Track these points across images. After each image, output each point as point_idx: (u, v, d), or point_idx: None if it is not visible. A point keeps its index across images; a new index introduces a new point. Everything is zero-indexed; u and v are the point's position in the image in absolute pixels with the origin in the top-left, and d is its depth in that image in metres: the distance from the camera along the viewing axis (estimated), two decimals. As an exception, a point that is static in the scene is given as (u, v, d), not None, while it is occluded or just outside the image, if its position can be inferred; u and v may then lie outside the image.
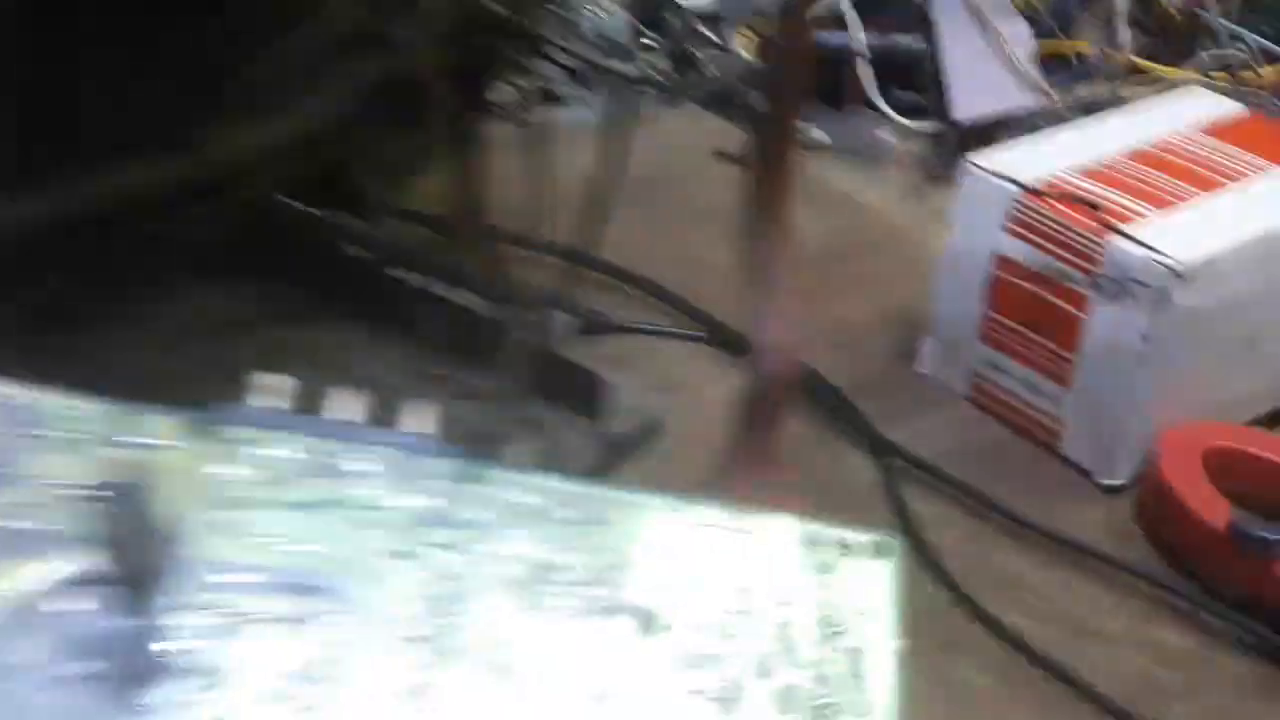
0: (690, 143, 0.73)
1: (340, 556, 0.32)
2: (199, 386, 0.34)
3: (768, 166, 0.37)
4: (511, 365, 0.47)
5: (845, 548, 0.34)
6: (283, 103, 0.44)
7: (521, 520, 0.33)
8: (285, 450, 0.33)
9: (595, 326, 0.57)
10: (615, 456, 0.51)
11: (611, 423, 0.53)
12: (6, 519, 0.31)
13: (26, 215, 0.40)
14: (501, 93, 0.59)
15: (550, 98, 0.72)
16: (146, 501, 0.29)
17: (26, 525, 0.31)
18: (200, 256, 0.50)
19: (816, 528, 0.34)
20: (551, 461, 0.48)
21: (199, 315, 0.51)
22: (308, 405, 0.34)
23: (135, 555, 0.29)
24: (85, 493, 0.29)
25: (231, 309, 0.52)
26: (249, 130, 0.45)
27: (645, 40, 0.81)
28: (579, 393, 0.53)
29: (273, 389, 0.34)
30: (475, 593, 0.32)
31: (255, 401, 0.34)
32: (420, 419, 0.35)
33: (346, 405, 0.34)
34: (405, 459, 0.33)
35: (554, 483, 0.34)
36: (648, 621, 0.32)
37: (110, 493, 0.28)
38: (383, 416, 0.34)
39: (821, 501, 0.34)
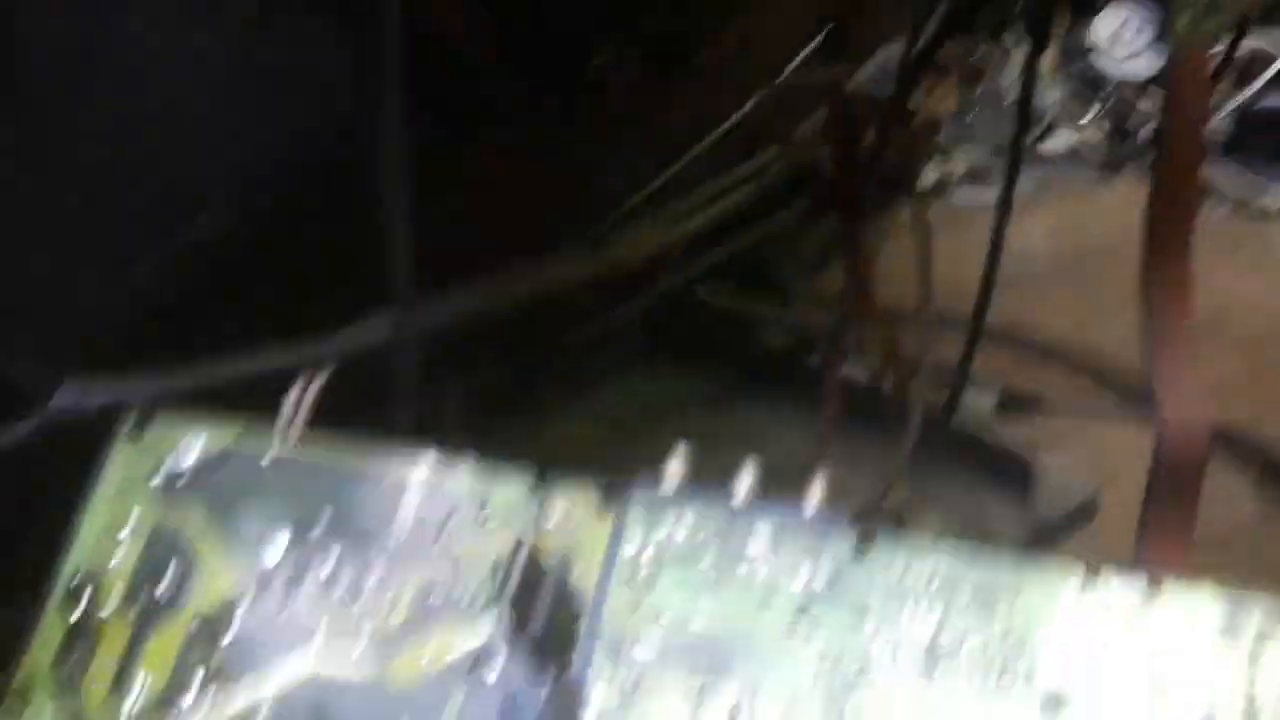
0: (1127, 215, 0.70)
1: (738, 630, 0.32)
2: (622, 466, 0.35)
3: (1166, 224, 0.35)
4: (926, 445, 0.46)
5: (1275, 625, 0.31)
6: (695, 199, 0.46)
7: (921, 594, 0.33)
8: (687, 526, 0.34)
9: (1024, 405, 0.55)
10: (1044, 540, 0.49)
11: (1041, 505, 0.51)
12: (438, 590, 0.33)
13: (469, 309, 0.43)
14: (928, 173, 0.59)
15: (978, 176, 0.71)
16: (563, 574, 0.31)
17: (456, 596, 0.33)
18: (628, 345, 0.52)
19: (1242, 605, 0.32)
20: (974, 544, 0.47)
21: (626, 401, 0.53)
22: (710, 483, 0.35)
23: (551, 624, 0.30)
24: (507, 565, 0.30)
25: (656, 394, 0.53)
26: (663, 227, 0.47)
27: (1080, 111, 0.79)
28: (1006, 474, 0.52)
29: (678, 467, 0.35)
30: (874, 667, 0.32)
31: (663, 479, 0.35)
32: (822, 495, 0.35)
33: (748, 482, 0.35)
34: (804, 534, 0.33)
35: (956, 556, 0.33)
36: (1055, 701, 0.31)
37: (529, 558, 0.30)
38: (785, 493, 0.35)
39: (1271, 582, 0.31)
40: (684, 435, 0.36)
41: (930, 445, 0.48)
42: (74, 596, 0.33)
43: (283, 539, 0.34)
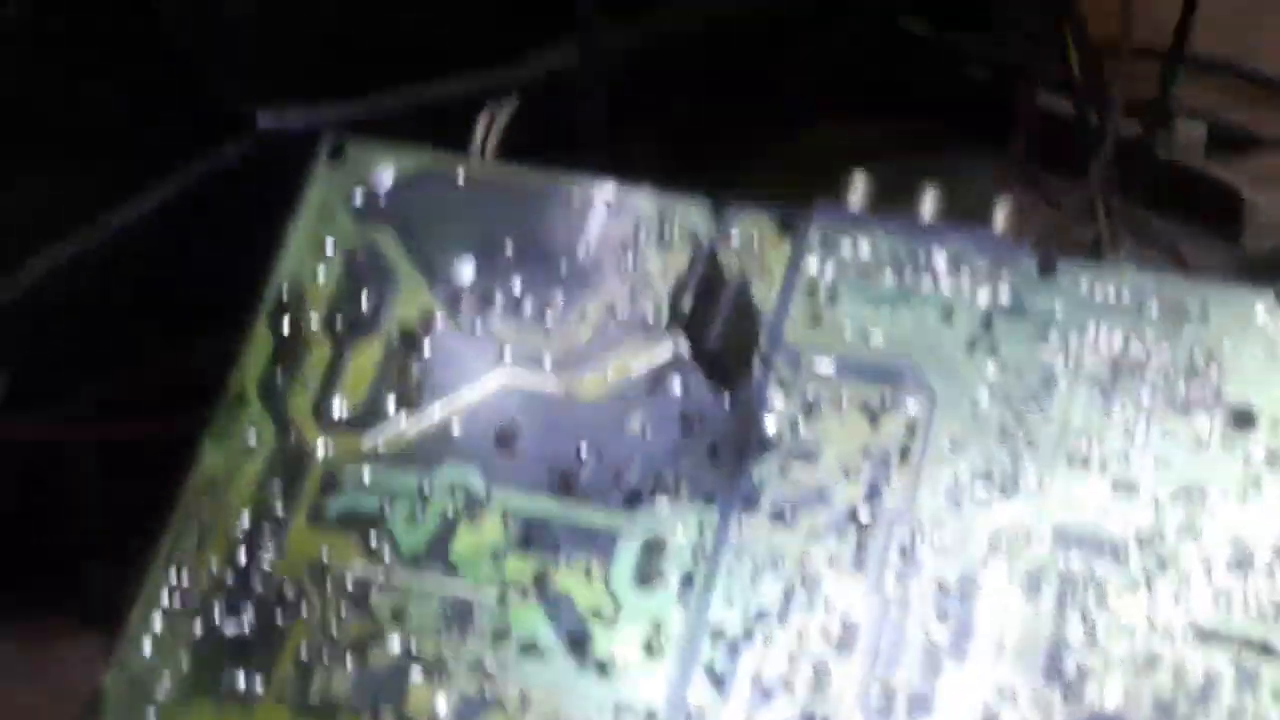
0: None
1: (917, 347, 0.32)
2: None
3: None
4: (1130, 178, 0.45)
5: None
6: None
7: (1105, 314, 0.32)
8: (867, 246, 0.34)
9: (1236, 139, 0.53)
10: (1252, 277, 0.48)
11: (1249, 241, 0.49)
12: (622, 308, 0.34)
13: (654, 35, 0.43)
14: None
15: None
16: (742, 292, 0.31)
17: (639, 313, 0.34)
18: (820, 82, 0.51)
19: None
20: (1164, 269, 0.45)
21: (817, 143, 0.52)
22: (892, 205, 0.35)
23: (731, 341, 0.30)
24: (687, 283, 0.31)
25: (849, 136, 0.52)
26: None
27: None
28: (1213, 209, 0.50)
29: (859, 188, 0.35)
30: (1052, 382, 0.32)
31: (845, 200, 0.35)
32: (1006, 216, 0.34)
33: (930, 203, 0.34)
34: (986, 255, 0.33)
35: (1141, 277, 0.32)
36: (1242, 418, 0.31)
37: (711, 284, 0.30)
38: (968, 217, 0.34)
39: None
40: (876, 180, 0.36)
41: (1134, 178, 0.47)
42: (280, 311, 0.35)
43: (474, 259, 0.35)
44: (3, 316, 0.35)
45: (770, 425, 0.32)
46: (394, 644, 0.31)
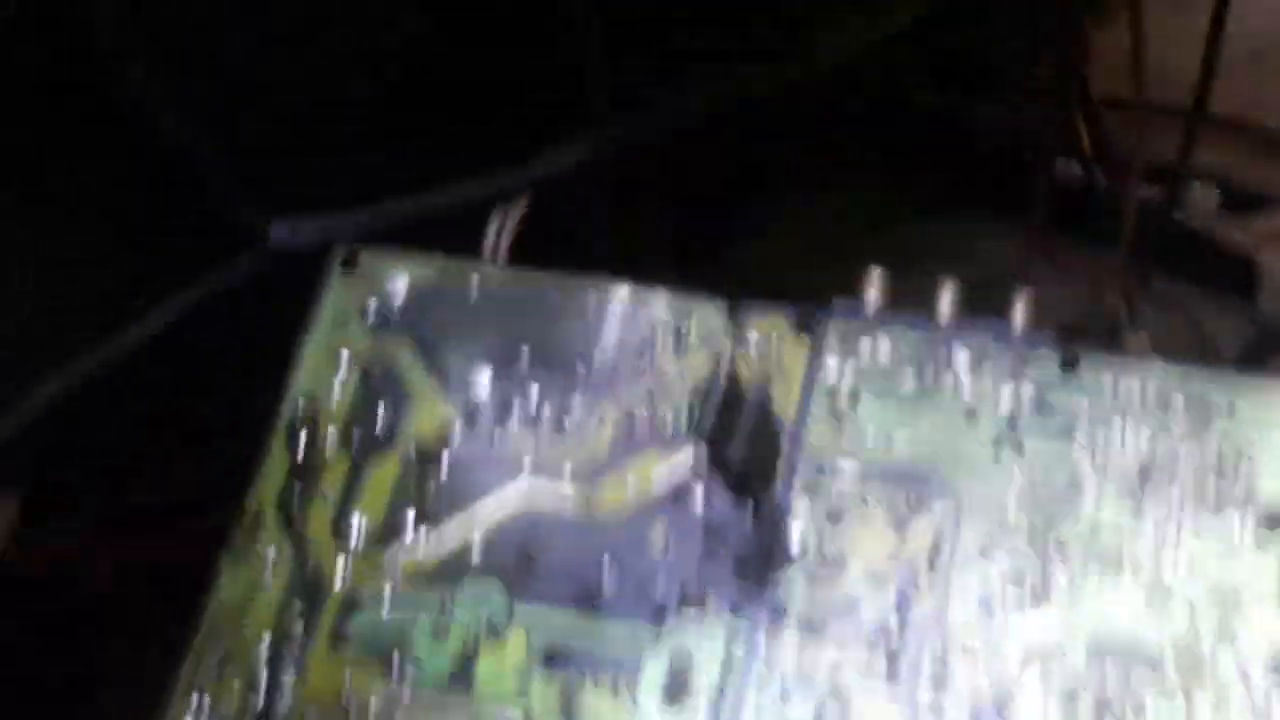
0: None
1: (941, 448, 0.32)
2: (827, 287, 0.35)
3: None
4: (1143, 244, 0.45)
5: None
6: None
7: (1131, 409, 0.32)
8: (887, 345, 0.33)
9: (1250, 201, 0.53)
10: (1270, 342, 0.48)
11: (1265, 302, 0.49)
12: (640, 418, 0.33)
13: (659, 119, 0.43)
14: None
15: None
16: (763, 401, 0.31)
17: (658, 424, 0.33)
18: (829, 152, 0.51)
19: None
20: (1191, 346, 0.45)
21: (829, 216, 0.52)
22: (911, 299, 0.34)
23: (751, 445, 0.30)
24: (704, 387, 0.31)
25: (861, 206, 0.52)
26: (862, 25, 0.45)
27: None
28: (1228, 273, 0.50)
29: (878, 284, 0.35)
30: (1080, 483, 0.31)
31: (864, 296, 0.34)
32: (1026, 309, 0.34)
33: (949, 298, 0.34)
34: (1007, 350, 0.33)
35: (1168, 370, 0.32)
36: (1275, 517, 0.30)
37: (727, 387, 0.30)
38: (988, 308, 0.34)
39: None
40: (890, 251, 0.35)
41: (1148, 243, 0.46)
42: (295, 432, 0.34)
43: (489, 372, 0.34)
44: (17, 439, 0.35)
45: (795, 535, 0.32)
46: (420, 769, 0.31)
